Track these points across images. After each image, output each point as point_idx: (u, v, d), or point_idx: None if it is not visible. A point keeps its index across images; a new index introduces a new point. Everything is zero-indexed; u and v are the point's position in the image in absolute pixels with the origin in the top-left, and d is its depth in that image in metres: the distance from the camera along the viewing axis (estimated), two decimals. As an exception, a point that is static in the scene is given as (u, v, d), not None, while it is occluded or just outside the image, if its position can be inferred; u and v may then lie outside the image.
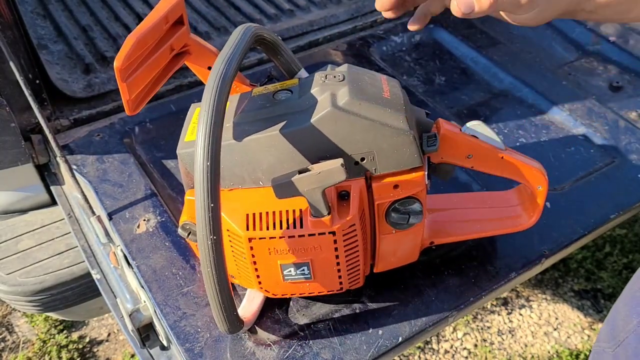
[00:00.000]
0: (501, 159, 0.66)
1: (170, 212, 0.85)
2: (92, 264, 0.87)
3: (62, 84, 1.07)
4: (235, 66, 0.53)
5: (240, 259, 0.63)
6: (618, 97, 1.11)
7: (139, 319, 0.74)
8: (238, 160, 0.60)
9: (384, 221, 0.64)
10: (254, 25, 0.60)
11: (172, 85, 1.10)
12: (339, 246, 0.61)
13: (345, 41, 1.25)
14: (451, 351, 1.59)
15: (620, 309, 0.78)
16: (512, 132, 1.02)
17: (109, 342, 1.62)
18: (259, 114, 0.61)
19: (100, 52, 1.19)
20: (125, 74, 0.59)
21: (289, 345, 0.69)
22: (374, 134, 0.58)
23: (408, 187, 0.62)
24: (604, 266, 1.76)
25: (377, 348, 0.68)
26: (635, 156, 0.97)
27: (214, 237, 0.50)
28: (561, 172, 0.94)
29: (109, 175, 0.91)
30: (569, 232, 0.83)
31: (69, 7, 1.33)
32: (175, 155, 0.64)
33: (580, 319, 1.66)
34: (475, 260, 0.79)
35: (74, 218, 0.92)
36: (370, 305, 0.73)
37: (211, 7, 1.37)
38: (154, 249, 0.79)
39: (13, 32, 0.90)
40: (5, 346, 1.58)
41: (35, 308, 0.97)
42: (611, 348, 0.76)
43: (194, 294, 0.74)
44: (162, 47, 0.65)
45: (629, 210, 0.88)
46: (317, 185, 0.55)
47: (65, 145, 0.97)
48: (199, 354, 0.67)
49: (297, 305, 0.73)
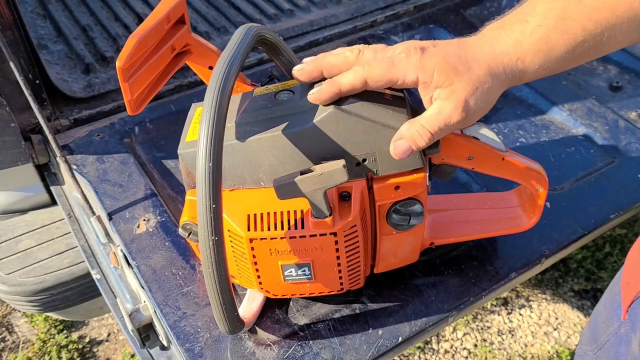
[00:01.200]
0: (502, 160, 0.66)
1: (170, 212, 0.85)
2: (92, 264, 0.87)
3: (62, 84, 1.07)
4: (238, 66, 0.53)
5: (241, 259, 0.63)
6: (618, 97, 1.11)
7: (139, 319, 0.74)
8: (239, 160, 0.60)
9: (385, 222, 0.64)
10: (255, 25, 0.60)
11: (172, 85, 1.10)
12: (340, 247, 0.61)
13: (345, 41, 1.25)
14: (451, 351, 1.59)
15: (601, 312, 0.78)
16: (512, 132, 1.02)
17: (109, 342, 1.62)
18: (261, 115, 0.61)
19: (100, 52, 1.18)
20: (127, 74, 0.59)
21: (289, 345, 0.69)
22: (375, 135, 0.58)
23: (409, 188, 0.62)
24: (604, 266, 1.77)
25: (377, 348, 0.68)
26: (635, 156, 0.97)
27: (215, 237, 0.50)
28: (561, 172, 0.94)
29: (109, 175, 0.91)
30: (569, 232, 0.83)
31: (69, 7, 1.33)
32: (175, 155, 0.64)
33: (580, 319, 1.66)
34: (475, 260, 0.79)
35: (74, 218, 0.92)
36: (370, 305, 0.73)
37: (211, 7, 1.37)
38: (154, 249, 0.79)
39: (13, 32, 0.90)
40: (5, 346, 1.58)
41: (35, 308, 0.97)
42: (593, 351, 0.76)
43: (194, 294, 0.74)
44: (164, 47, 0.65)
45: (629, 210, 0.88)
46: (319, 187, 0.55)
47: (65, 145, 0.96)
48: (199, 354, 0.67)
49: (297, 305, 0.73)
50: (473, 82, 0.55)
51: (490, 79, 0.56)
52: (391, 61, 0.55)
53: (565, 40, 0.56)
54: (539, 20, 0.56)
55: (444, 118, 0.55)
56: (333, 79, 0.57)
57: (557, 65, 0.57)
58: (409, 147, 0.56)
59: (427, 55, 0.55)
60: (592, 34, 0.56)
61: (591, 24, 0.55)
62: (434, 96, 0.56)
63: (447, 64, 0.54)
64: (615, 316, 0.71)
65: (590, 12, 0.55)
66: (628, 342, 0.68)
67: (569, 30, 0.55)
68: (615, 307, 0.72)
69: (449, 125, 0.55)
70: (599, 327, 0.76)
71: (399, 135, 0.57)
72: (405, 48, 0.55)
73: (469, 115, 0.56)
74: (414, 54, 0.55)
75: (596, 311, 0.81)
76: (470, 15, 1.29)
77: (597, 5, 0.55)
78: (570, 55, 0.57)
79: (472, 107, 0.56)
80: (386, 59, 0.55)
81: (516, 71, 0.57)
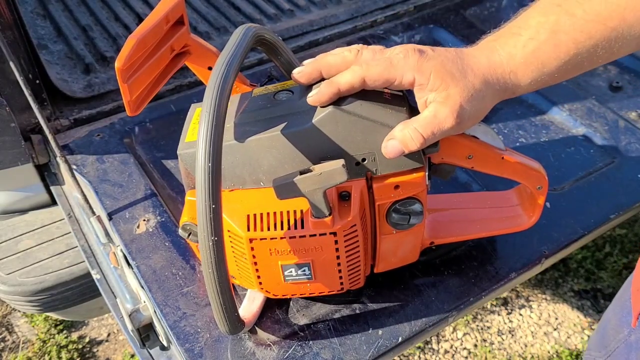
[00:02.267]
0: (501, 159, 0.67)
1: (170, 212, 0.85)
2: (92, 264, 0.87)
3: (62, 84, 1.07)
4: (237, 67, 0.53)
5: (241, 259, 0.63)
6: (618, 97, 1.11)
7: (139, 319, 0.74)
8: (239, 160, 0.60)
9: (385, 221, 0.64)
10: (254, 25, 0.60)
11: (172, 85, 1.10)
12: (340, 247, 0.61)
13: (345, 41, 1.25)
14: (451, 351, 1.59)
15: (610, 318, 0.78)
16: (512, 132, 1.02)
17: (109, 342, 1.62)
18: (260, 115, 0.61)
19: (100, 52, 1.19)
20: (126, 74, 0.59)
21: (289, 346, 0.69)
22: (374, 134, 0.58)
23: (409, 187, 0.62)
24: (604, 266, 1.77)
25: (377, 348, 0.68)
26: (635, 156, 0.97)
27: (215, 237, 0.50)
28: (561, 172, 0.94)
29: (109, 175, 0.91)
30: (569, 232, 0.83)
31: (69, 7, 1.33)
32: (175, 155, 0.64)
33: (580, 319, 1.66)
34: (475, 260, 0.79)
35: (74, 218, 0.92)
36: (370, 305, 0.73)
37: (211, 7, 1.37)
38: (154, 249, 0.79)
39: (13, 32, 0.90)
40: (5, 346, 1.58)
41: (35, 308, 0.97)
42: (602, 357, 0.76)
43: (194, 294, 0.74)
44: (163, 48, 0.65)
45: (629, 210, 0.88)
46: (319, 186, 0.55)
47: (65, 145, 0.96)
48: (199, 354, 0.67)
49: (297, 306, 0.73)
50: (468, 89, 0.55)
51: (485, 88, 0.56)
52: (389, 61, 0.55)
53: (558, 54, 0.55)
54: (531, 34, 0.56)
55: (439, 122, 0.55)
56: (331, 80, 0.57)
57: (551, 78, 0.57)
58: (400, 149, 0.57)
59: (425, 57, 0.55)
60: (585, 47, 0.55)
61: (583, 37, 0.55)
62: (428, 99, 0.56)
63: (444, 68, 0.55)
64: (625, 323, 0.71)
65: (583, 25, 0.55)
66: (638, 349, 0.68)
67: (560, 43, 0.55)
68: (625, 314, 0.72)
69: (442, 130, 0.56)
70: (609, 333, 0.76)
71: (392, 135, 0.57)
72: (403, 49, 0.56)
73: (463, 121, 0.56)
74: (412, 55, 0.55)
75: (605, 317, 0.81)
76: (470, 15, 1.29)
77: (589, 19, 0.55)
78: (563, 69, 0.57)
79: (466, 114, 0.56)
80: (384, 59, 0.55)
81: (509, 84, 0.57)
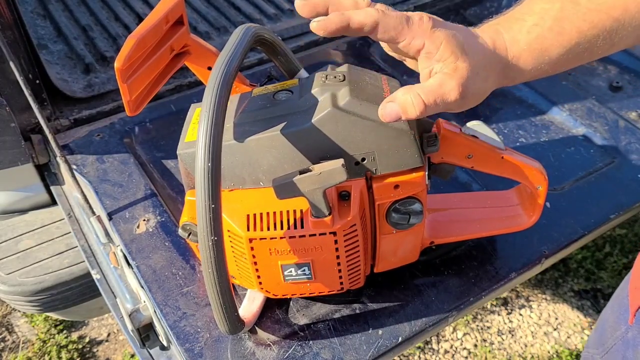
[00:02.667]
0: (501, 159, 0.67)
1: (170, 212, 0.85)
2: (92, 264, 0.87)
3: (62, 84, 1.07)
4: (236, 67, 0.53)
5: (241, 259, 0.63)
6: (618, 97, 1.11)
7: (139, 319, 0.74)
8: (239, 160, 0.60)
9: (385, 221, 0.64)
10: (254, 25, 0.60)
11: (172, 85, 1.10)
12: (339, 246, 0.61)
13: (345, 41, 1.25)
14: (451, 351, 1.59)
15: (608, 316, 0.78)
16: (512, 132, 1.02)
17: (109, 342, 1.62)
18: (260, 115, 0.61)
19: (100, 52, 1.19)
20: (126, 74, 0.59)
21: (289, 345, 0.69)
22: (374, 134, 0.58)
23: (408, 187, 0.62)
24: (604, 266, 1.77)
25: (377, 348, 0.68)
26: (635, 156, 0.97)
27: (214, 237, 0.50)
28: (561, 172, 0.94)
29: (109, 175, 0.91)
30: (569, 232, 0.83)
31: (69, 7, 1.33)
32: (175, 155, 0.64)
33: (580, 319, 1.66)
34: (475, 260, 0.79)
35: (74, 218, 0.92)
36: (370, 305, 0.73)
37: (211, 7, 1.37)
38: (154, 249, 0.79)
39: (13, 32, 0.90)
40: (5, 346, 1.58)
41: (35, 308, 0.97)
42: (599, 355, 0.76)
43: (194, 294, 0.74)
44: (163, 48, 0.65)
45: (629, 210, 0.88)
46: (318, 186, 0.55)
47: (65, 145, 0.96)
48: (198, 354, 0.67)
49: (297, 305, 0.73)
50: (474, 67, 0.54)
51: (489, 70, 0.55)
52: (406, 18, 0.53)
53: (561, 42, 0.55)
54: (535, 20, 0.55)
55: (443, 92, 0.53)
56: (343, 12, 0.53)
57: (551, 67, 0.57)
58: (397, 113, 0.54)
59: (438, 26, 0.54)
60: (587, 36, 0.55)
61: (586, 26, 0.55)
62: (434, 69, 0.54)
63: (456, 40, 0.53)
64: (623, 320, 0.71)
65: (586, 13, 0.55)
66: (635, 346, 0.68)
67: (564, 31, 0.55)
68: (623, 311, 0.72)
69: (445, 101, 0.53)
70: (606, 331, 0.76)
71: (392, 98, 0.54)
72: (419, 14, 0.54)
73: (466, 97, 0.54)
74: (427, 21, 0.53)
75: (603, 315, 0.81)
76: (470, 15, 1.29)
77: (593, 7, 0.55)
78: (564, 58, 0.56)
79: (470, 91, 0.54)
80: (401, 14, 0.53)
81: (511, 69, 0.57)
